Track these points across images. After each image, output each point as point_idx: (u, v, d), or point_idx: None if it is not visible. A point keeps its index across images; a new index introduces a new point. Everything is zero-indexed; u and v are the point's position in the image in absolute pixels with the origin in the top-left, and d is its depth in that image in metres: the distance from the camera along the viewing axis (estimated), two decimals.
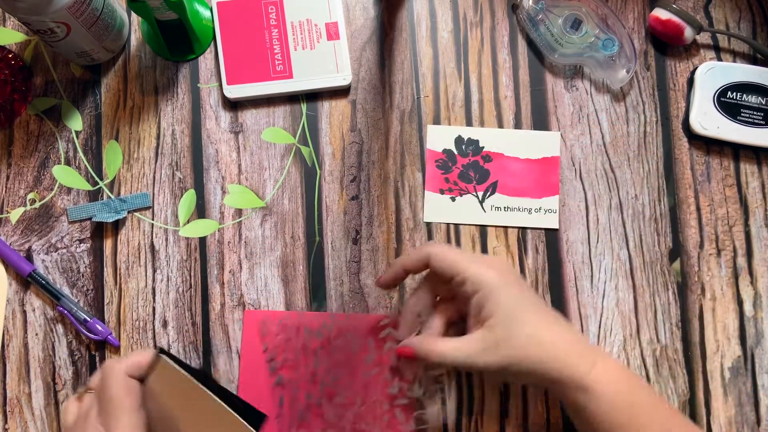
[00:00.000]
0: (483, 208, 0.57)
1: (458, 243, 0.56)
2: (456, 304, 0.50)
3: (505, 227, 0.57)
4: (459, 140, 0.57)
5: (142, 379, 0.43)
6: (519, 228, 0.57)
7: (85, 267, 0.56)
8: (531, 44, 0.59)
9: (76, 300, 0.55)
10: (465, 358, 0.46)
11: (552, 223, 0.56)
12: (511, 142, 0.58)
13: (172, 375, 0.44)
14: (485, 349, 0.45)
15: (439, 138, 0.57)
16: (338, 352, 0.54)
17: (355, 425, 0.52)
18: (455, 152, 0.57)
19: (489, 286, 0.46)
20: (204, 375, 0.46)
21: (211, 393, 0.44)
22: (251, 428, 0.44)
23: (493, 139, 0.57)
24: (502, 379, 0.52)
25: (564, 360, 0.44)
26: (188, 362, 0.54)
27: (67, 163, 0.57)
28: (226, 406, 0.44)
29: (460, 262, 0.47)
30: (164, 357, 0.44)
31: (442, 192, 0.57)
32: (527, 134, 0.58)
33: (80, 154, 0.57)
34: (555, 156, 0.57)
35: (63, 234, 0.56)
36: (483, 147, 0.57)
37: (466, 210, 0.57)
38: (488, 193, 0.57)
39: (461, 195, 0.57)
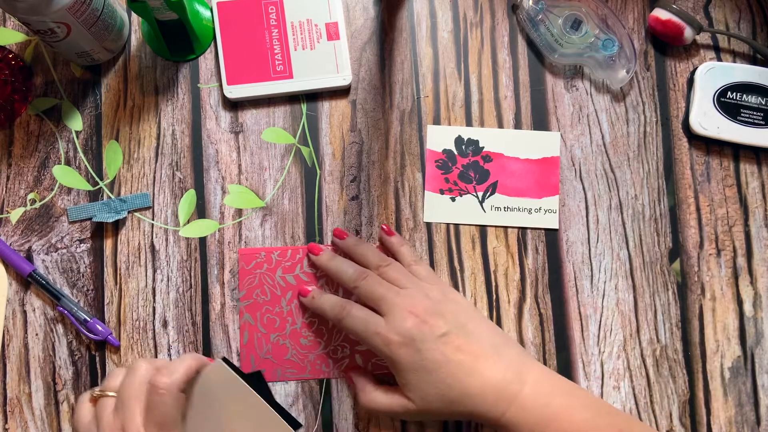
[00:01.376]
0: (483, 209, 0.57)
1: (458, 243, 0.56)
2: None
3: (505, 227, 0.57)
4: (459, 140, 0.57)
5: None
6: (519, 228, 0.57)
7: (85, 267, 0.56)
8: (531, 44, 0.59)
9: (76, 300, 0.55)
10: (393, 415, 0.50)
11: (552, 223, 0.56)
12: (511, 142, 0.58)
13: (226, 380, 0.45)
14: (407, 410, 0.48)
15: (439, 138, 0.57)
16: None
17: (313, 364, 0.54)
18: (455, 152, 0.57)
19: (392, 358, 0.48)
20: (258, 377, 0.47)
21: (262, 400, 0.45)
22: None
23: (493, 139, 0.57)
24: (440, 418, 0.53)
25: (478, 407, 0.47)
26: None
27: (68, 163, 0.57)
28: (275, 413, 0.45)
29: (365, 334, 0.49)
30: (223, 364, 0.45)
31: (442, 192, 0.57)
32: (527, 134, 0.58)
33: (80, 154, 0.57)
34: (555, 156, 0.57)
35: (63, 234, 0.56)
36: (483, 147, 0.57)
37: (466, 210, 0.57)
38: (488, 194, 0.57)
39: (461, 195, 0.57)
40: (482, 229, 0.57)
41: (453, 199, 0.57)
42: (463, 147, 0.57)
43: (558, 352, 0.55)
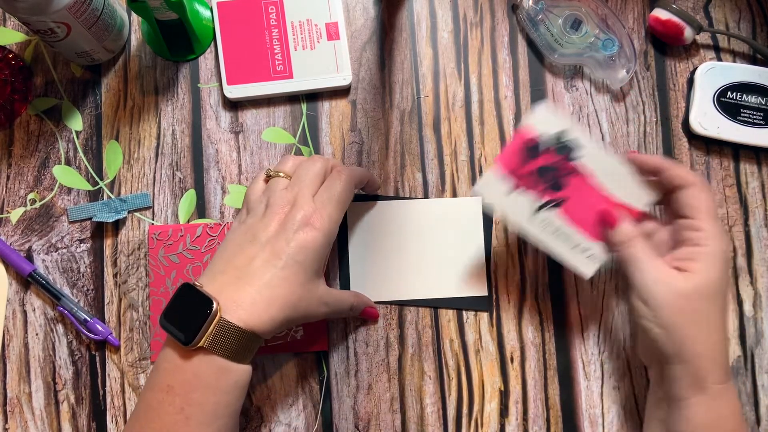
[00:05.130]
0: (534, 215, 0.50)
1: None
2: (674, 235, 0.49)
3: (539, 249, 0.55)
4: (562, 134, 0.49)
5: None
6: (551, 258, 0.54)
7: (85, 267, 0.56)
8: (531, 44, 0.59)
9: (76, 300, 0.55)
10: (648, 277, 0.46)
11: (586, 270, 0.50)
12: (610, 172, 0.50)
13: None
14: (671, 289, 0.45)
15: (547, 120, 0.49)
16: None
17: None
18: (551, 144, 0.49)
19: (716, 250, 0.45)
20: None
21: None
22: None
23: (595, 156, 0.50)
24: (652, 326, 0.47)
25: (716, 359, 0.45)
26: None
27: (68, 163, 0.57)
28: None
29: (709, 212, 0.46)
30: None
31: (506, 176, 0.49)
32: (631, 176, 0.50)
33: (80, 154, 0.57)
34: (641, 210, 0.50)
35: (63, 234, 0.56)
36: (579, 157, 0.50)
37: (517, 207, 0.49)
38: (549, 205, 0.50)
39: (524, 189, 0.50)
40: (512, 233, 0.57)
41: (515, 188, 0.50)
42: (564, 144, 0.50)
43: (558, 352, 0.55)
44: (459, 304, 0.56)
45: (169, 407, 0.42)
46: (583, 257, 0.50)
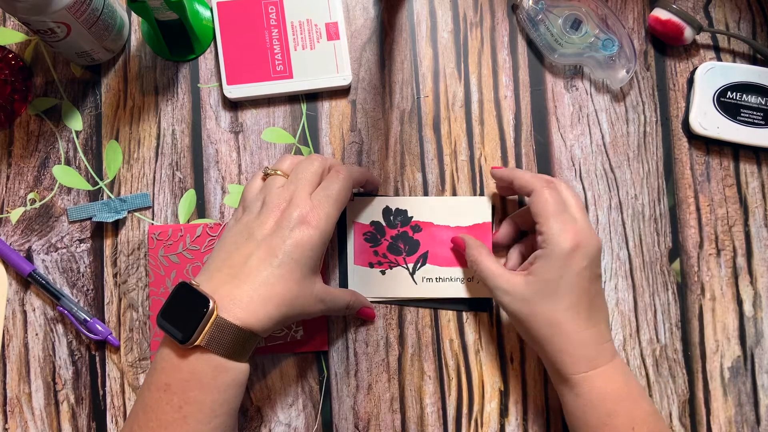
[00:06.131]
0: (414, 280, 0.55)
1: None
2: (533, 243, 0.52)
3: (437, 299, 0.55)
4: (387, 211, 0.56)
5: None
6: (453, 301, 0.55)
7: (85, 267, 0.56)
8: (531, 44, 0.59)
9: (76, 300, 0.55)
10: (496, 289, 0.50)
11: (484, 291, 0.55)
12: (440, 211, 0.56)
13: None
14: (515, 297, 0.48)
15: (367, 210, 0.56)
16: None
17: None
18: (383, 224, 0.56)
19: (553, 249, 0.47)
20: None
21: None
22: None
23: (421, 207, 0.56)
24: (518, 328, 0.51)
25: (568, 351, 0.47)
26: None
27: (67, 163, 0.57)
28: None
29: (546, 214, 0.48)
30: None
31: (371, 266, 0.55)
32: (457, 201, 0.56)
33: (80, 154, 0.57)
34: (486, 222, 0.56)
35: (63, 234, 0.56)
36: (412, 217, 0.56)
37: (397, 283, 0.55)
38: (419, 264, 0.55)
39: (391, 268, 0.55)
40: (416, 303, 0.56)
41: (383, 272, 0.55)
42: (391, 218, 0.56)
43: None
44: (460, 305, 0.56)
45: (167, 406, 0.42)
46: (475, 284, 0.55)
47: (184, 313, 0.43)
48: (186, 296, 0.44)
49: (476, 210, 0.56)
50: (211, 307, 0.42)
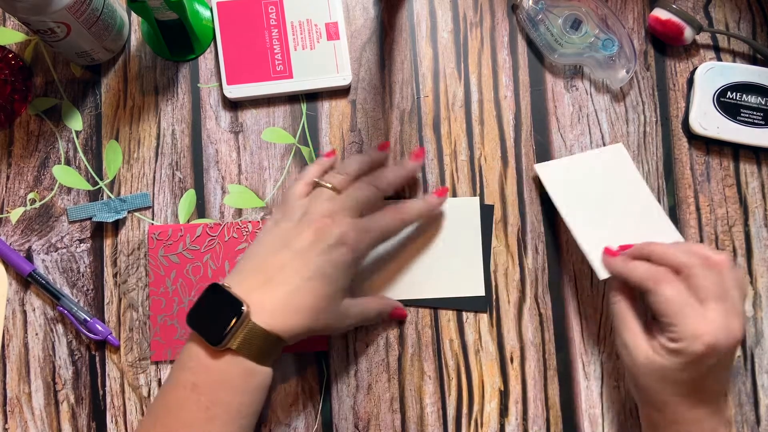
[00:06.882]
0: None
1: None
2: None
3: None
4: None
5: None
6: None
7: (85, 267, 0.56)
8: (531, 44, 0.59)
9: (76, 300, 0.55)
10: (625, 343, 0.47)
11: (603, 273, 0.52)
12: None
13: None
14: (638, 355, 0.46)
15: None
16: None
17: None
18: None
19: (686, 348, 0.44)
20: None
21: None
22: None
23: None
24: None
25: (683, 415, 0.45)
26: None
27: (67, 163, 0.57)
28: None
29: (672, 313, 0.44)
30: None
31: None
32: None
33: (80, 154, 0.57)
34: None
35: (63, 234, 0.56)
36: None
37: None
38: None
39: None
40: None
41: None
42: None
43: (558, 352, 0.55)
44: (456, 305, 0.56)
45: (194, 406, 0.43)
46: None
47: (214, 315, 0.43)
48: (218, 298, 0.44)
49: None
50: (245, 311, 0.43)
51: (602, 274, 0.51)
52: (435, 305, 0.56)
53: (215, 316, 0.43)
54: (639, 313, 0.48)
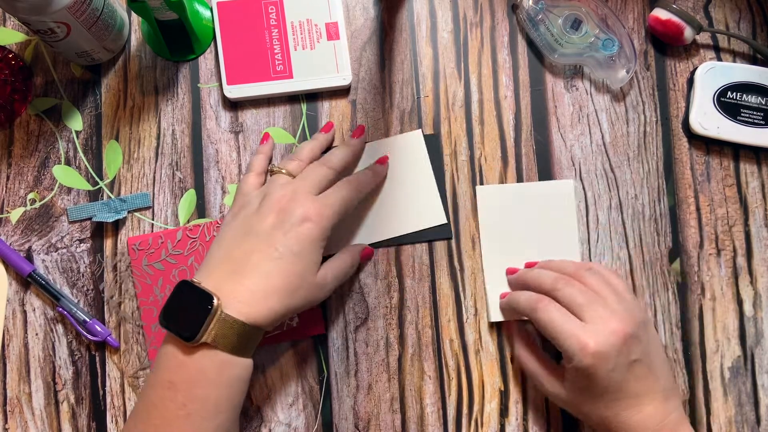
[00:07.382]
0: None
1: (458, 243, 0.56)
2: None
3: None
4: None
5: None
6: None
7: (85, 267, 0.56)
8: (531, 44, 0.59)
9: (75, 300, 0.55)
10: (542, 389, 0.51)
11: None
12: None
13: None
14: (560, 399, 0.50)
15: None
16: None
17: None
18: None
19: (575, 366, 0.46)
20: None
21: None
22: None
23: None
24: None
25: None
26: None
27: (68, 163, 0.57)
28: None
29: (552, 334, 0.47)
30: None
31: None
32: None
33: (80, 154, 0.57)
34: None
35: (63, 234, 0.56)
36: None
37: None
38: None
39: None
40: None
41: None
42: None
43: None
44: (422, 237, 0.56)
45: (171, 404, 0.42)
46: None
47: (187, 312, 0.43)
48: (188, 294, 0.44)
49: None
50: (215, 303, 0.43)
51: (493, 316, 0.54)
52: (402, 242, 0.56)
53: (187, 313, 0.43)
54: (543, 354, 0.53)
